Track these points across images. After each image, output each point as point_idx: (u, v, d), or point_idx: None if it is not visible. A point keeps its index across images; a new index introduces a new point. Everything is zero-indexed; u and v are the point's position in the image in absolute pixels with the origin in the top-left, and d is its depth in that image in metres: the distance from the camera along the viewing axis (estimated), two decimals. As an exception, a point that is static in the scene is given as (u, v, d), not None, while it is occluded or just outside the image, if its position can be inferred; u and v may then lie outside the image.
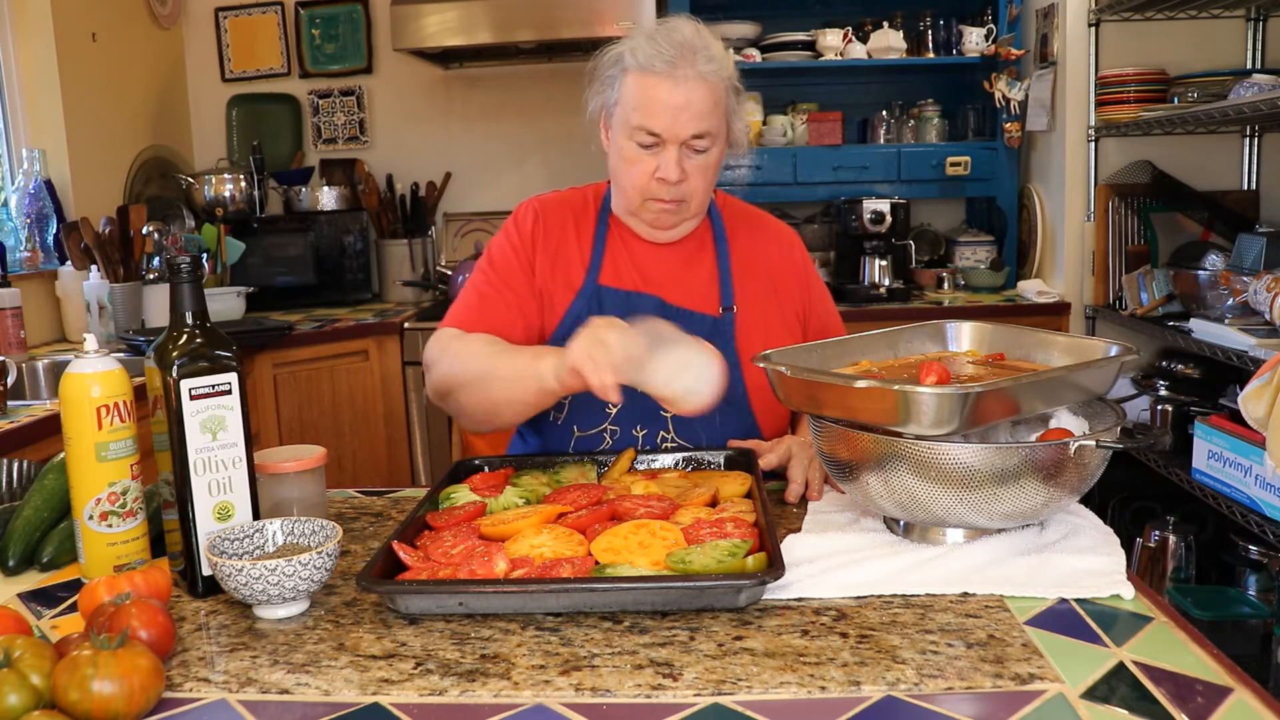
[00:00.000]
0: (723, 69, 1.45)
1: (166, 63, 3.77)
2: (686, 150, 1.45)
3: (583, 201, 1.63)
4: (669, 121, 1.43)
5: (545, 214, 1.61)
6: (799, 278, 1.64)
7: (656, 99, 1.42)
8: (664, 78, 1.42)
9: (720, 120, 1.46)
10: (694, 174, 1.47)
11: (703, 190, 1.50)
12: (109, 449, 1.10)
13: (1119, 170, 3.01)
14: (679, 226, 1.55)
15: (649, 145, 1.46)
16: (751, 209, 1.69)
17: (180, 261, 1.09)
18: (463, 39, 3.31)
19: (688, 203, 1.50)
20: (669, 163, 1.44)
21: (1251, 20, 2.94)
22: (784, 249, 1.65)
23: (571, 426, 1.54)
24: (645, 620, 0.99)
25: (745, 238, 1.62)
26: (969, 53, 3.38)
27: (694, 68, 1.42)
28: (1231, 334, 2.29)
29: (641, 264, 1.58)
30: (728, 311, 1.56)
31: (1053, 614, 0.98)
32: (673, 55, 1.42)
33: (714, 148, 1.48)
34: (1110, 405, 1.19)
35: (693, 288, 1.57)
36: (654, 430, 1.51)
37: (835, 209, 3.44)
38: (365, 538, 1.28)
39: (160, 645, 0.91)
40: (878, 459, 1.09)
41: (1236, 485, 2.13)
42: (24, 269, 2.91)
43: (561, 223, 1.60)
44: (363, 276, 3.57)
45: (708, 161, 1.48)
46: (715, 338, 1.53)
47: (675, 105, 1.42)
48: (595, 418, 1.52)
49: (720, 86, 1.45)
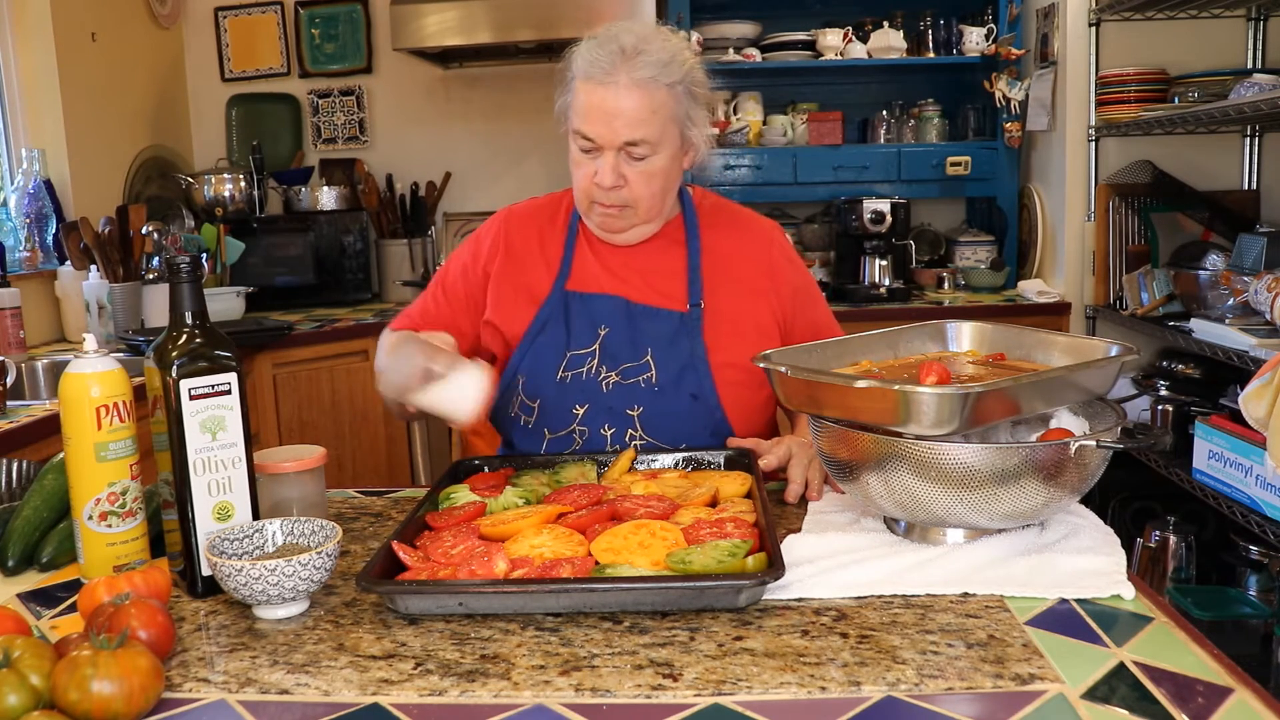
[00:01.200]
0: (670, 74, 1.45)
1: (166, 63, 3.77)
2: (625, 156, 1.47)
3: (554, 208, 1.66)
4: (602, 128, 1.45)
5: (511, 228, 1.64)
6: (776, 274, 1.62)
7: (591, 105, 1.45)
8: (598, 84, 1.44)
9: (662, 127, 1.46)
10: (635, 180, 1.48)
11: (649, 196, 1.50)
12: (108, 449, 1.10)
13: (1119, 170, 3.01)
14: (634, 229, 1.56)
15: (588, 150, 1.48)
16: (731, 206, 1.68)
17: (180, 261, 1.09)
18: (462, 39, 3.31)
19: (633, 208, 1.51)
20: (604, 168, 1.47)
21: (1252, 20, 2.94)
22: (761, 245, 1.63)
23: (542, 429, 1.55)
24: (645, 620, 0.99)
25: (719, 234, 1.62)
26: (969, 52, 3.38)
27: (630, 74, 1.42)
28: (1232, 334, 2.29)
29: (608, 264, 1.59)
30: (695, 307, 1.55)
31: (1053, 614, 0.98)
32: (608, 63, 1.43)
33: (657, 154, 1.47)
34: (1110, 405, 1.19)
35: (660, 285, 1.57)
36: (621, 429, 1.52)
37: (835, 209, 3.44)
38: (365, 538, 1.28)
39: (160, 645, 0.91)
40: (878, 459, 1.08)
41: (1237, 485, 2.13)
42: (23, 269, 2.90)
43: (526, 235, 1.63)
44: (362, 276, 3.57)
45: (651, 168, 1.48)
46: (682, 333, 1.54)
47: (608, 111, 1.44)
48: (564, 419, 1.54)
49: (662, 92, 1.44)
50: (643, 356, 1.53)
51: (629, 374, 1.53)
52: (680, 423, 1.52)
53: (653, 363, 1.53)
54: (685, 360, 1.53)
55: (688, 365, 1.53)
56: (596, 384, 1.53)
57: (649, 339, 1.54)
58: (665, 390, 1.52)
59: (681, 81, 1.47)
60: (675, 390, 1.52)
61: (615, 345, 1.54)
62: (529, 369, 1.56)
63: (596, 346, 1.54)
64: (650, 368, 1.53)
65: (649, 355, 1.53)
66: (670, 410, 1.52)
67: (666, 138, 1.47)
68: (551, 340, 1.55)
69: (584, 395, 1.53)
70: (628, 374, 1.53)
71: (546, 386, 1.54)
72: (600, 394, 1.52)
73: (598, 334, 1.55)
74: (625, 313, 1.55)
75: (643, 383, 1.52)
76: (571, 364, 1.54)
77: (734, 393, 1.54)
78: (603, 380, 1.53)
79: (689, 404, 1.53)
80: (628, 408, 1.52)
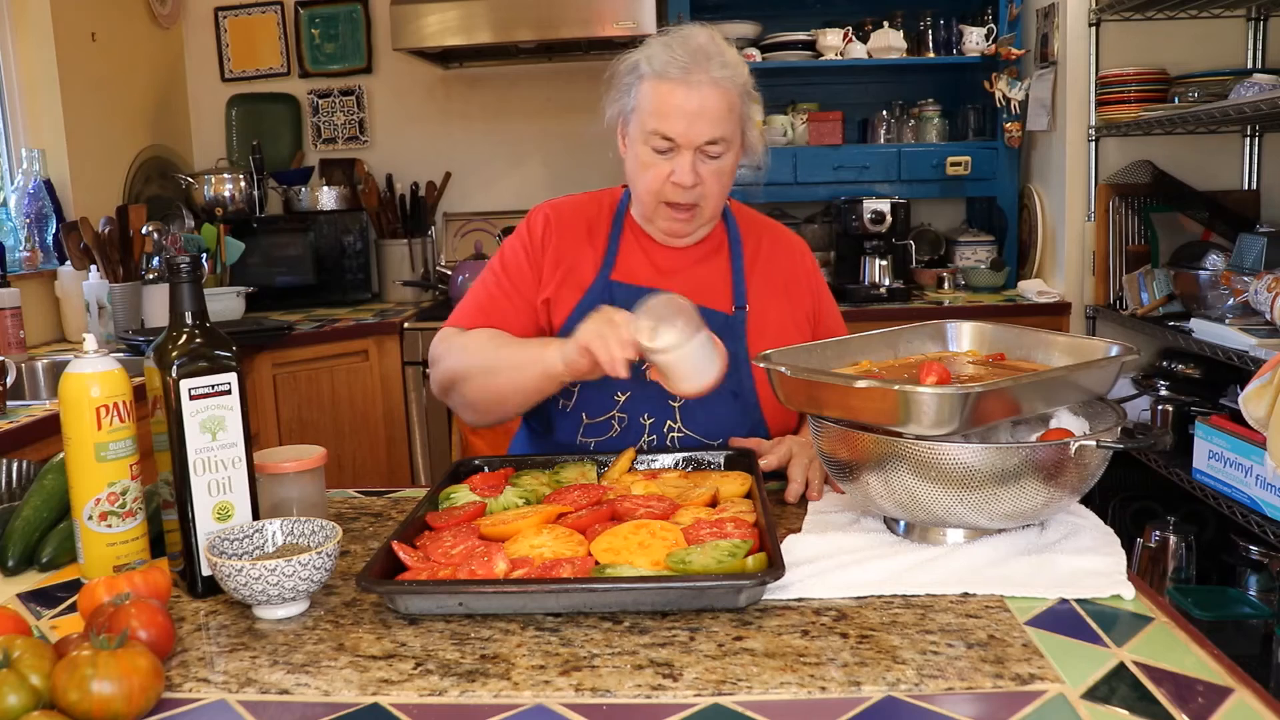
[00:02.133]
0: (737, 75, 1.48)
1: (166, 62, 3.77)
2: (700, 155, 1.48)
3: (597, 205, 1.66)
4: (684, 126, 1.45)
5: (558, 217, 1.63)
6: (809, 283, 1.67)
7: (671, 104, 1.45)
8: (678, 83, 1.45)
9: (734, 126, 1.49)
10: (708, 179, 1.50)
11: (717, 195, 1.53)
12: (108, 449, 1.10)
13: (1119, 170, 3.01)
14: (694, 233, 1.59)
15: (664, 150, 1.48)
16: (764, 218, 1.72)
17: (180, 261, 1.09)
18: (463, 39, 3.31)
19: (702, 208, 1.53)
20: (683, 167, 1.47)
21: (1252, 20, 2.94)
22: (796, 256, 1.68)
23: (580, 414, 1.55)
24: (645, 620, 0.99)
25: (760, 242, 1.65)
26: (969, 52, 3.37)
27: (708, 73, 1.45)
28: (1232, 334, 2.29)
29: (656, 261, 1.61)
30: (740, 310, 1.58)
31: (1053, 614, 0.98)
32: (687, 61, 1.45)
33: (728, 153, 1.50)
34: (1111, 405, 1.19)
35: (706, 285, 1.59)
36: (661, 419, 1.53)
37: (835, 209, 3.44)
38: (365, 538, 1.28)
39: (160, 646, 0.91)
40: (878, 459, 1.08)
41: (1237, 485, 2.13)
42: (23, 269, 2.91)
43: (574, 225, 1.62)
44: (362, 276, 3.57)
45: (722, 167, 1.50)
46: (726, 335, 1.54)
47: (690, 110, 1.45)
48: (604, 404, 1.53)
49: (734, 92, 1.48)
50: None
51: None
52: (719, 418, 1.53)
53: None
54: (730, 362, 1.53)
55: (731, 367, 1.52)
56: (640, 371, 1.53)
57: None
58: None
59: (746, 83, 1.51)
60: (720, 389, 1.52)
61: None
62: None
63: None
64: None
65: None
66: (710, 406, 1.52)
67: (735, 138, 1.50)
68: None
69: (625, 382, 1.52)
70: None
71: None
72: (643, 382, 1.52)
73: None
74: None
75: None
76: None
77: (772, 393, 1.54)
78: (646, 369, 1.53)
79: (729, 400, 1.54)
80: (669, 399, 1.52)
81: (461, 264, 3.48)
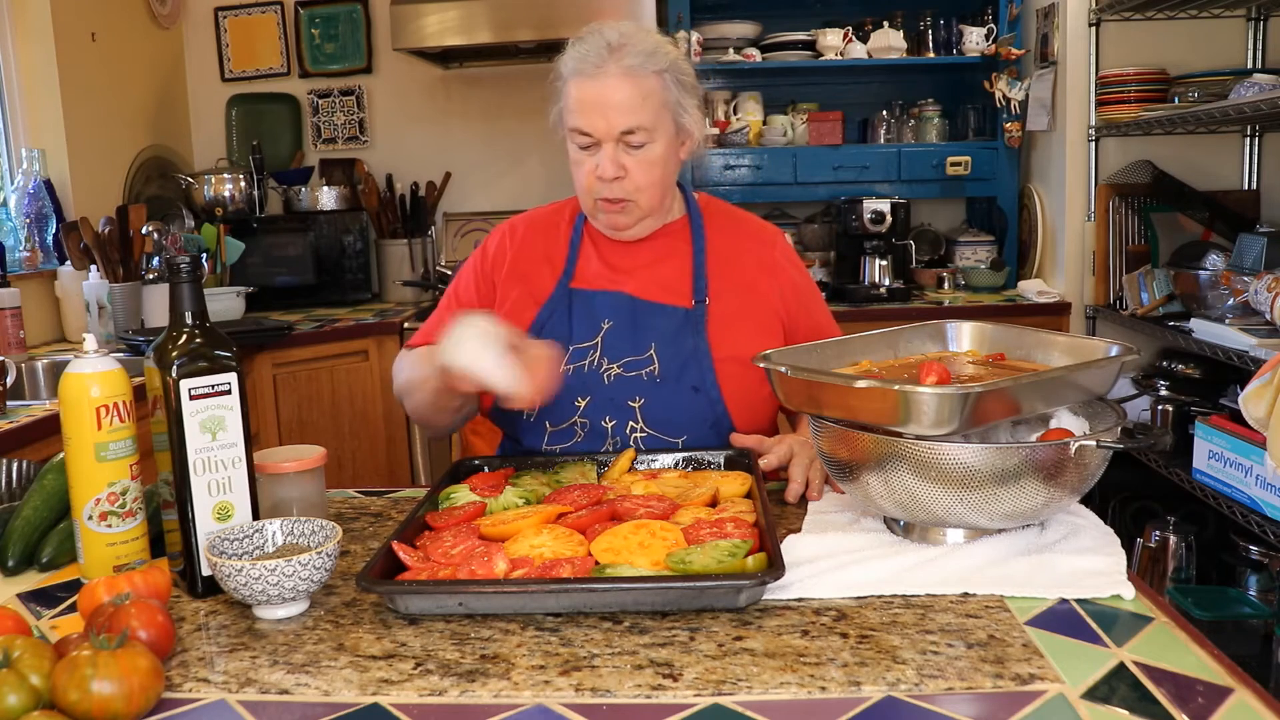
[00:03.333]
0: (655, 63, 1.48)
1: (166, 63, 3.77)
2: (623, 147, 1.48)
3: (557, 215, 1.68)
4: (598, 119, 1.47)
5: (514, 237, 1.66)
6: (779, 274, 1.63)
7: (585, 99, 1.47)
8: (589, 78, 1.47)
9: (655, 113, 1.48)
10: (635, 170, 1.49)
11: (649, 185, 1.51)
12: (108, 449, 1.10)
13: (1119, 170, 3.01)
14: (639, 224, 1.57)
15: (587, 146, 1.50)
16: (734, 209, 1.70)
17: (180, 261, 1.09)
18: (462, 39, 3.31)
19: (635, 201, 1.52)
20: (604, 160, 1.48)
21: (1252, 20, 2.94)
22: (764, 247, 1.65)
23: (544, 422, 1.55)
24: (645, 620, 0.99)
25: (723, 234, 1.63)
26: (969, 52, 3.38)
27: (619, 63, 1.46)
28: (1232, 334, 2.29)
29: (612, 261, 1.60)
30: (699, 304, 1.56)
31: (1053, 614, 0.98)
32: (596, 56, 1.47)
33: (654, 142, 1.49)
34: (1111, 405, 1.19)
35: (665, 281, 1.58)
36: (622, 420, 1.52)
37: (835, 209, 3.44)
38: (365, 538, 1.28)
39: (160, 646, 0.91)
40: (878, 459, 1.08)
41: (1237, 485, 2.13)
42: (23, 269, 2.90)
43: (531, 242, 1.65)
44: (362, 276, 3.57)
45: (650, 156, 1.49)
46: (686, 329, 1.55)
47: (600, 103, 1.46)
48: (565, 412, 1.54)
49: (651, 80, 1.47)
50: (645, 350, 1.54)
51: (631, 367, 1.53)
52: (681, 414, 1.52)
53: (655, 356, 1.53)
54: (688, 354, 1.54)
55: (690, 359, 1.53)
56: (598, 376, 1.53)
57: (653, 334, 1.55)
58: (667, 382, 1.52)
59: (668, 69, 1.50)
60: (677, 383, 1.53)
61: (618, 339, 1.55)
62: None
63: (599, 340, 1.55)
64: (653, 361, 1.53)
65: (652, 349, 1.54)
66: (671, 402, 1.52)
67: (661, 125, 1.49)
68: (553, 335, 1.55)
69: (585, 388, 1.53)
70: (629, 366, 1.53)
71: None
72: (601, 386, 1.53)
73: (600, 327, 1.55)
74: (629, 308, 1.56)
75: (644, 375, 1.53)
76: (573, 358, 1.55)
77: (736, 386, 1.54)
78: (604, 372, 1.54)
79: (690, 396, 1.53)
80: (629, 399, 1.52)
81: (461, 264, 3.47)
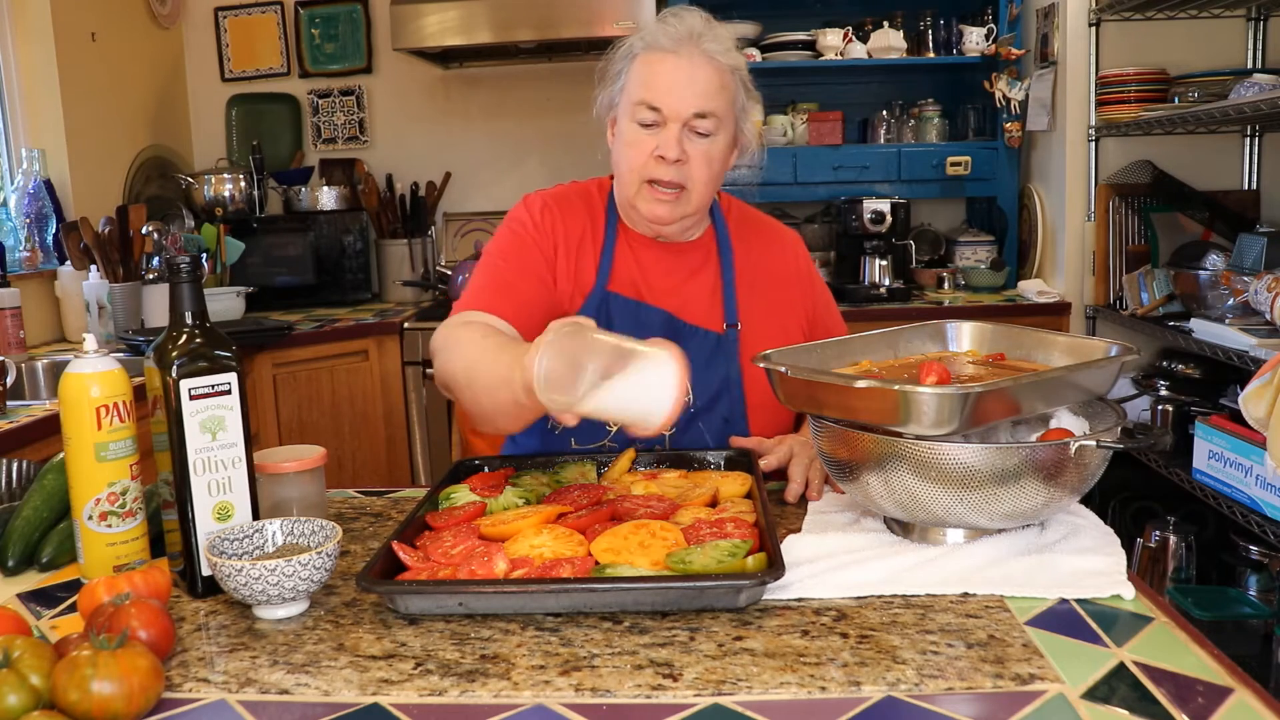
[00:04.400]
0: (731, 58, 1.45)
1: (166, 62, 3.77)
2: (688, 132, 1.43)
3: (586, 198, 1.58)
4: (672, 96, 1.42)
5: (558, 206, 1.55)
6: (803, 283, 1.62)
7: (660, 73, 1.43)
8: (669, 53, 1.43)
9: (726, 106, 1.44)
10: (695, 158, 1.44)
11: (703, 181, 1.46)
12: (108, 449, 1.10)
13: (1119, 170, 3.01)
14: (678, 223, 1.50)
15: (650, 124, 1.44)
16: (755, 212, 1.66)
17: (180, 261, 1.09)
18: (463, 39, 3.31)
19: (688, 191, 1.46)
20: (669, 140, 1.42)
21: (1252, 20, 2.94)
22: (788, 255, 1.63)
23: (569, 440, 1.51)
24: (645, 620, 0.99)
25: (749, 246, 1.60)
26: (969, 52, 3.37)
27: (700, 46, 1.42)
28: (1232, 334, 2.29)
29: (648, 272, 1.54)
30: (731, 328, 1.53)
31: (1053, 614, 0.98)
32: (679, 35, 1.43)
33: (718, 134, 1.45)
34: (1111, 405, 1.19)
35: (697, 300, 1.54)
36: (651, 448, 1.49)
37: (835, 209, 3.44)
38: (365, 538, 1.28)
39: (160, 645, 0.91)
40: (878, 459, 1.08)
41: (1237, 485, 2.13)
42: (23, 269, 2.91)
43: (577, 216, 1.55)
44: (362, 276, 3.57)
45: (711, 149, 1.44)
46: (718, 355, 1.51)
47: (678, 80, 1.42)
48: (595, 433, 1.49)
49: (727, 72, 1.44)
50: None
51: None
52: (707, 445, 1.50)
53: (689, 384, 1.49)
54: (721, 384, 1.51)
55: (723, 389, 1.51)
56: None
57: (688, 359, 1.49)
58: (700, 414, 1.50)
59: (740, 69, 1.47)
60: (710, 414, 1.51)
61: None
62: None
63: None
64: (688, 390, 1.47)
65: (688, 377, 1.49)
66: (702, 434, 1.50)
67: (727, 121, 1.46)
68: None
69: None
70: None
71: None
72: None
73: None
74: (671, 329, 1.49)
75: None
76: None
77: (763, 415, 1.51)
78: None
79: (720, 427, 1.51)
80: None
81: (461, 264, 3.47)
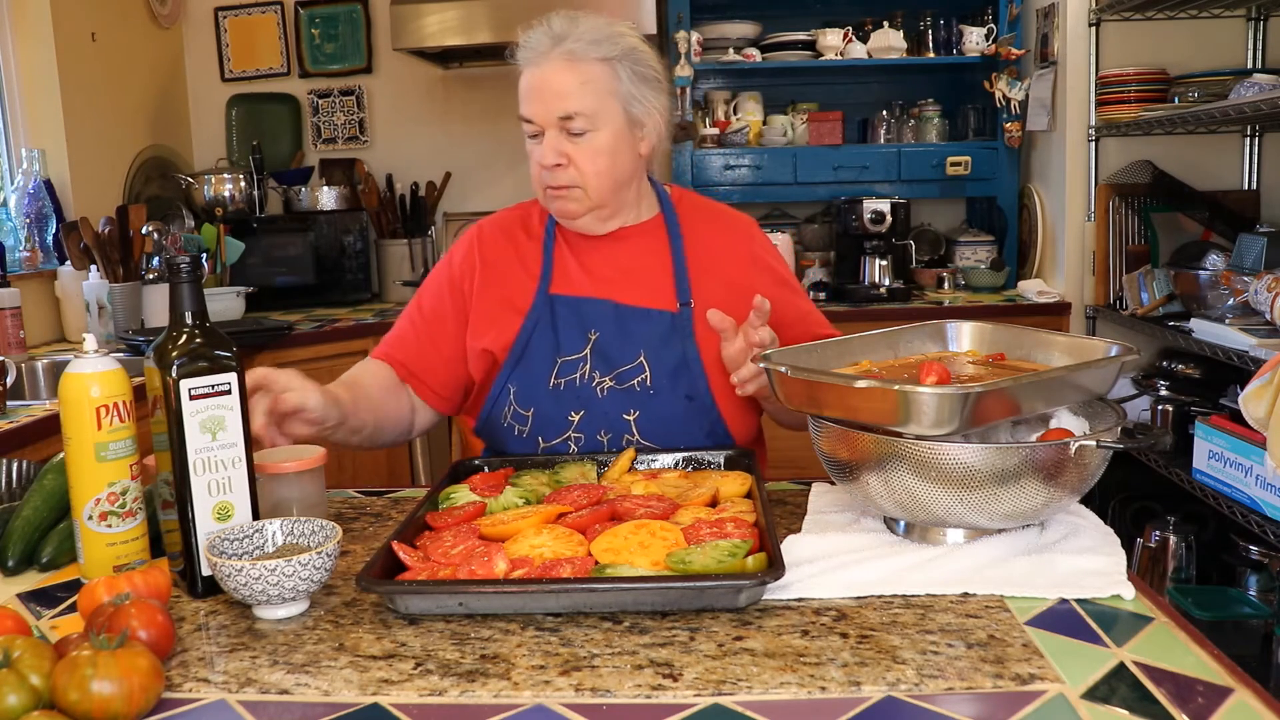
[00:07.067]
0: (602, 50, 1.45)
1: (166, 62, 3.77)
2: (565, 134, 1.46)
3: (525, 216, 1.64)
4: (537, 106, 1.47)
5: (484, 240, 1.62)
6: (759, 265, 1.61)
7: (527, 86, 1.48)
8: (531, 66, 1.48)
9: (596, 100, 1.45)
10: (578, 157, 1.47)
11: (595, 174, 1.47)
12: (108, 449, 1.10)
13: (1119, 170, 3.01)
14: (590, 215, 1.52)
15: (534, 135, 1.49)
16: (707, 202, 1.67)
17: (180, 261, 1.09)
18: (462, 39, 3.31)
19: (583, 189, 1.48)
20: (546, 148, 1.47)
21: (1252, 20, 2.94)
22: (742, 239, 1.62)
23: (536, 439, 1.53)
24: (645, 620, 0.99)
25: (700, 231, 1.60)
26: (969, 52, 3.38)
27: (560, 49, 1.45)
28: (1232, 334, 2.29)
29: (590, 265, 1.56)
30: (685, 306, 1.53)
31: (1053, 614, 0.98)
32: (539, 44, 1.47)
33: (598, 130, 1.46)
34: (1111, 405, 1.19)
35: (647, 284, 1.55)
36: (617, 434, 1.51)
37: (835, 209, 3.44)
38: (365, 538, 1.28)
39: (160, 646, 0.91)
40: (878, 459, 1.08)
41: (1237, 485, 2.13)
42: (23, 269, 2.90)
43: (500, 247, 1.61)
44: (362, 276, 3.57)
45: (594, 145, 1.46)
46: (674, 334, 1.52)
47: (540, 89, 1.46)
48: (559, 427, 1.52)
49: (595, 67, 1.45)
50: (635, 359, 1.52)
51: (623, 378, 1.51)
52: (677, 425, 1.51)
53: (646, 364, 1.51)
54: (678, 361, 1.52)
55: (681, 366, 1.52)
56: (591, 390, 1.51)
57: (641, 341, 1.52)
58: (660, 393, 1.51)
59: (619, 58, 1.47)
60: (671, 392, 1.51)
61: (607, 349, 1.52)
62: (520, 379, 1.53)
63: (588, 351, 1.52)
64: (644, 369, 1.51)
65: (642, 357, 1.51)
66: (666, 413, 1.51)
67: (604, 113, 1.46)
68: (541, 347, 1.53)
69: (578, 402, 1.51)
70: (622, 378, 1.51)
71: (539, 395, 1.52)
72: (595, 400, 1.51)
73: (588, 338, 1.53)
74: (615, 315, 1.53)
75: (637, 386, 1.51)
76: (563, 370, 1.52)
77: (728, 391, 1.52)
78: (597, 386, 1.51)
79: (685, 405, 1.52)
80: (624, 412, 1.51)
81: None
